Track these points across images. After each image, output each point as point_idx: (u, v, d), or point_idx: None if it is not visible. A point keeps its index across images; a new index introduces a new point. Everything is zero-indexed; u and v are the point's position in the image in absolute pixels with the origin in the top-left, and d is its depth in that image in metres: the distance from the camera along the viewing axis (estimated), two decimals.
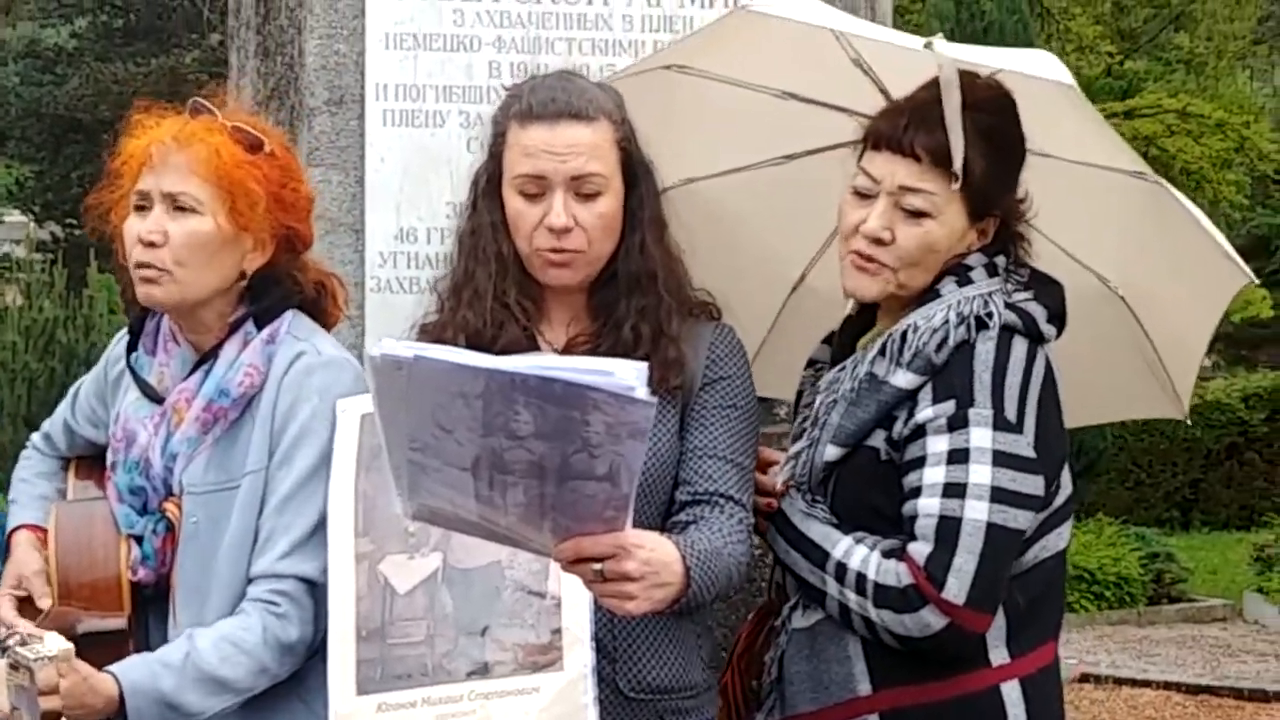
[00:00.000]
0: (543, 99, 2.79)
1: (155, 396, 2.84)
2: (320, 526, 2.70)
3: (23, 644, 2.51)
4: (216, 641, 2.65)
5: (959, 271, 2.76)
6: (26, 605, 2.83)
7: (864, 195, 2.76)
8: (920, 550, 2.60)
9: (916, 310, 2.75)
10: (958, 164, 2.68)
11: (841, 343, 2.94)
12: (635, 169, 2.85)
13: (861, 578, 2.65)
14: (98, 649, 2.65)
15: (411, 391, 2.18)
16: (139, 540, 2.80)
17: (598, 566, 2.35)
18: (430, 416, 2.19)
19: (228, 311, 2.83)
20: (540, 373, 2.12)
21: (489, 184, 2.87)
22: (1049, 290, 2.80)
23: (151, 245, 2.74)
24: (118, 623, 2.78)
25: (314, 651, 2.72)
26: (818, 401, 2.85)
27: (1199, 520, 18.40)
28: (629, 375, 2.11)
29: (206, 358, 2.81)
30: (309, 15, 3.69)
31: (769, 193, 3.16)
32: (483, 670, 2.60)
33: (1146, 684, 10.52)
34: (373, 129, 3.66)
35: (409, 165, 3.66)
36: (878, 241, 2.73)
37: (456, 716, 2.59)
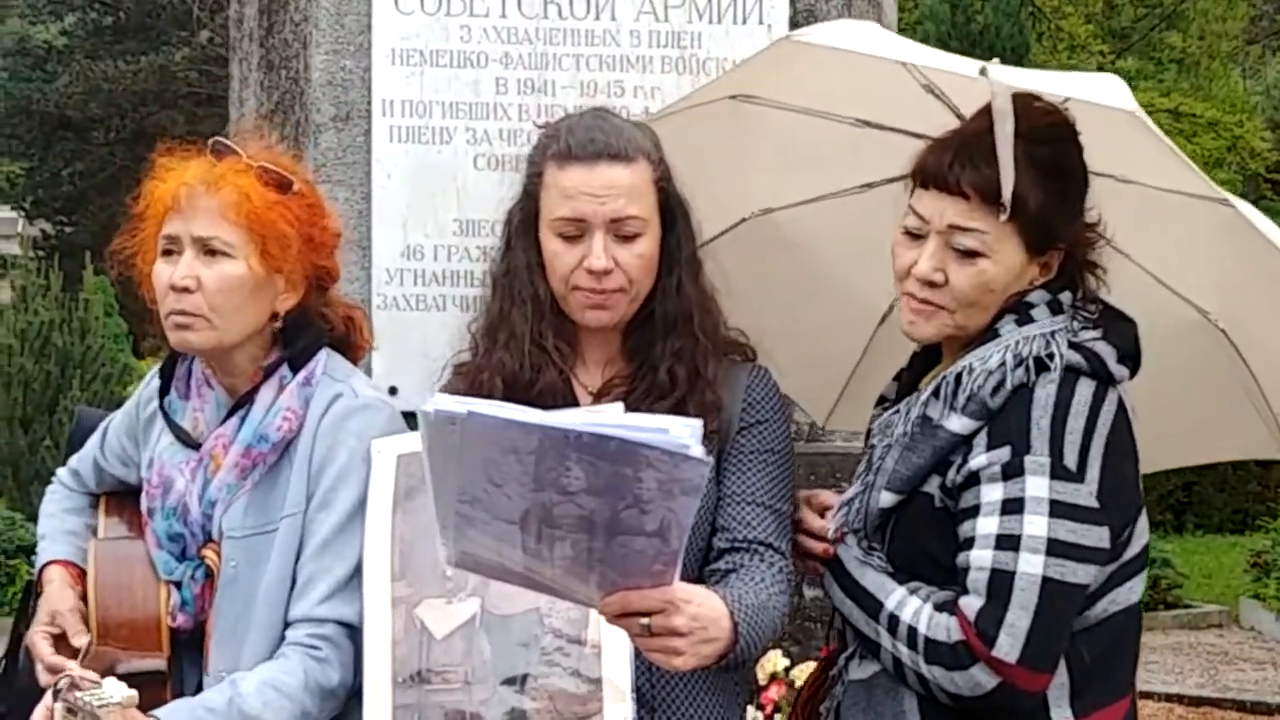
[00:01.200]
0: (581, 140, 2.75)
1: (190, 441, 2.81)
2: (360, 570, 2.68)
3: (75, 688, 2.48)
4: (259, 686, 2.62)
5: (1019, 309, 2.62)
6: (60, 642, 2.80)
7: (915, 235, 2.64)
8: (972, 604, 2.47)
9: (973, 351, 2.61)
10: (1007, 195, 2.53)
11: (908, 380, 2.80)
12: (673, 208, 2.81)
13: (913, 632, 2.53)
14: (136, 690, 2.62)
15: (464, 447, 2.16)
16: (178, 586, 2.78)
17: (645, 621, 2.32)
18: (481, 471, 2.17)
19: (260, 355, 2.80)
20: (594, 430, 2.10)
21: (523, 224, 2.84)
22: (1120, 328, 2.63)
23: (185, 291, 2.71)
24: (156, 664, 2.76)
25: (353, 695, 2.69)
26: (875, 444, 2.74)
27: (1192, 524, 18.40)
28: (684, 433, 2.09)
29: (242, 402, 2.78)
30: (315, 30, 3.68)
31: (851, 222, 3.03)
32: (520, 719, 2.58)
33: (1148, 695, 10.42)
34: (380, 145, 3.66)
35: (416, 182, 3.66)
36: (930, 284, 2.60)
37: None
